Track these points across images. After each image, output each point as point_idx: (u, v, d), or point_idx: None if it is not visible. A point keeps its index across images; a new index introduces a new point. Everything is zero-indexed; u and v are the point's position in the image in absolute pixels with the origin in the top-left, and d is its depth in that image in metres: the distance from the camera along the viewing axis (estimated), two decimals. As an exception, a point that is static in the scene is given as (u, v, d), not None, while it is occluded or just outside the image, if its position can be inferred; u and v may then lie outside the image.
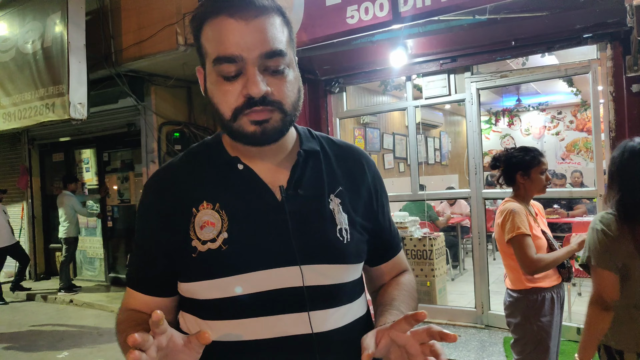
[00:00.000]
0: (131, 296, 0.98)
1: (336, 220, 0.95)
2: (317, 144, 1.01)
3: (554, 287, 2.47)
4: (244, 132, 0.88)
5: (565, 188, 6.25)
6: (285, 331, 0.88)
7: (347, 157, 1.04)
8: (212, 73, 0.88)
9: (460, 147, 10.68)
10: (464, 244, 7.01)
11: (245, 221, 0.90)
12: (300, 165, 0.95)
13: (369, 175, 1.05)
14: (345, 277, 0.95)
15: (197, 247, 0.89)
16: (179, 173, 0.97)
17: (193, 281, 0.91)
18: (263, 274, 0.88)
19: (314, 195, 0.95)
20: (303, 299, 0.89)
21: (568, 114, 9.95)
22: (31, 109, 5.49)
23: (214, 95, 0.89)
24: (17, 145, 8.06)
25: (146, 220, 0.97)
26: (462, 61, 4.47)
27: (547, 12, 3.76)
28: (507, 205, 2.48)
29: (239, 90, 0.86)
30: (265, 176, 0.94)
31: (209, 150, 0.99)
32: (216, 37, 0.86)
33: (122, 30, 5.50)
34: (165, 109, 6.19)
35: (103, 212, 7.26)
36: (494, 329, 4.37)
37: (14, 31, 5.71)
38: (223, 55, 0.85)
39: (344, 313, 0.95)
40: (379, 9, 3.82)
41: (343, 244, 0.94)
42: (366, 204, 1.02)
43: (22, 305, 6.69)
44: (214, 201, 0.91)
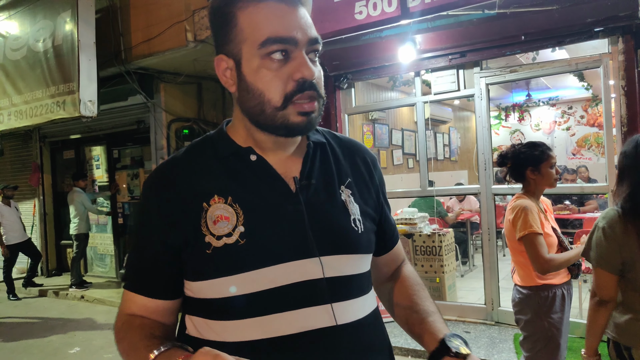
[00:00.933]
0: (130, 300, 0.93)
1: (349, 211, 0.95)
2: (323, 137, 1.02)
3: (564, 284, 2.46)
4: (289, 122, 0.86)
5: (576, 184, 6.19)
6: (311, 325, 0.86)
7: (350, 150, 1.05)
8: (255, 57, 0.85)
9: (469, 143, 10.62)
10: (473, 240, 6.98)
11: (261, 213, 0.88)
12: (311, 157, 0.96)
13: (372, 167, 1.07)
14: (360, 268, 0.96)
15: (212, 243, 0.86)
16: (183, 168, 0.93)
17: (207, 279, 0.87)
18: (283, 267, 0.86)
19: (325, 187, 0.95)
20: (324, 290, 0.88)
21: (579, 108, 9.85)
22: (42, 107, 5.54)
23: (257, 81, 0.86)
24: (28, 142, 8.14)
25: (149, 219, 0.92)
26: (471, 56, 4.44)
27: (558, 5, 3.72)
28: (519, 202, 2.45)
29: (289, 74, 0.84)
30: (278, 167, 0.92)
31: (214, 143, 0.96)
32: (265, 19, 0.84)
33: (132, 28, 5.53)
34: (174, 105, 6.22)
35: (113, 208, 7.31)
36: (504, 325, 4.35)
37: (25, 30, 5.76)
38: (276, 36, 0.83)
39: (362, 304, 0.95)
40: (388, 4, 3.80)
41: (358, 234, 0.95)
42: (372, 195, 1.04)
43: (34, 301, 6.78)
44: (226, 194, 0.88)
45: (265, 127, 0.89)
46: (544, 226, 2.41)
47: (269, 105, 0.86)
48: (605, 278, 1.85)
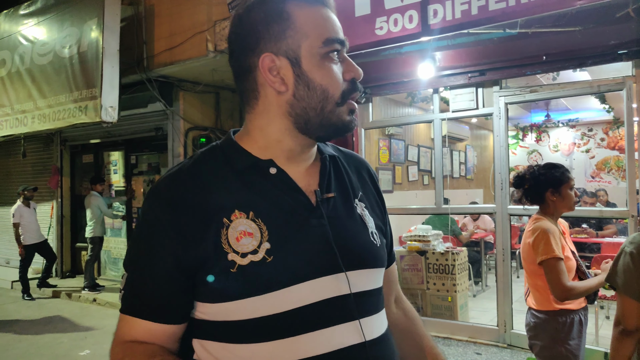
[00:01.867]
0: (132, 325, 0.85)
1: (367, 224, 0.95)
2: (332, 150, 1.01)
3: (581, 309, 2.39)
4: (342, 120, 0.89)
5: (596, 207, 6.09)
6: (341, 343, 0.83)
7: (356, 164, 1.05)
8: (314, 55, 0.86)
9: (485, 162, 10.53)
10: (486, 260, 6.88)
11: (286, 228, 0.84)
12: (328, 170, 0.95)
13: (375, 180, 1.08)
14: (379, 282, 0.96)
15: (236, 261, 0.80)
16: (194, 181, 0.86)
17: (233, 300, 0.81)
18: (312, 284, 0.83)
19: (343, 200, 0.94)
20: (352, 306, 0.86)
21: (599, 131, 9.72)
22: (65, 111, 5.65)
23: (320, 77, 0.87)
24: (50, 145, 8.29)
25: (159, 235, 0.83)
26: (491, 75, 4.42)
27: (581, 27, 3.69)
28: (539, 224, 2.37)
29: (342, 73, 0.88)
30: (298, 180, 0.90)
31: (226, 155, 0.90)
32: (323, 21, 0.88)
33: (155, 37, 5.64)
34: (192, 114, 6.29)
35: (129, 213, 7.39)
36: (517, 348, 4.26)
37: (53, 36, 5.91)
38: (336, 37, 0.88)
39: (382, 319, 0.94)
40: (408, 20, 3.82)
41: (377, 247, 0.94)
42: (380, 208, 1.04)
43: (47, 302, 6.85)
44: (247, 209, 0.83)
45: (316, 126, 0.88)
46: (563, 249, 2.33)
47: (332, 101, 0.87)
48: (631, 306, 1.75)
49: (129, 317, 0.86)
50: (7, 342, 5.06)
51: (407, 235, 5.16)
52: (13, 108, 6.36)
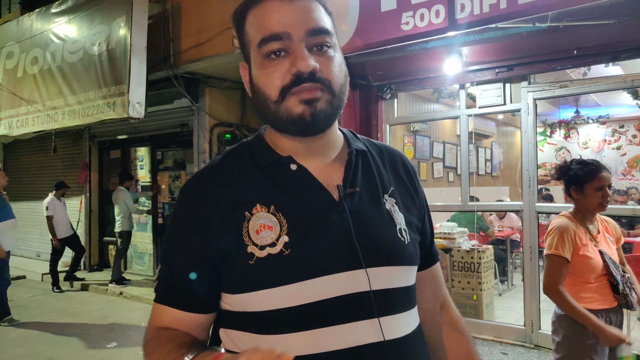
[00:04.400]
0: (163, 313, 0.89)
1: (395, 220, 0.92)
2: (363, 145, 0.99)
3: (604, 311, 2.32)
4: (292, 114, 0.84)
5: (627, 205, 5.92)
6: (358, 340, 0.82)
7: (391, 158, 1.03)
8: (257, 57, 0.86)
9: (512, 159, 10.36)
10: (512, 258, 6.77)
11: (305, 223, 0.85)
12: (354, 165, 0.93)
13: (413, 176, 1.05)
14: (408, 280, 0.93)
15: (255, 253, 0.82)
16: (221, 176, 0.90)
17: (250, 291, 0.83)
18: (330, 279, 0.82)
19: (370, 195, 0.92)
20: (371, 304, 0.84)
21: (631, 127, 9.44)
22: (94, 107, 5.77)
23: (259, 79, 0.86)
24: (79, 141, 8.49)
25: (185, 228, 0.87)
26: (519, 70, 4.33)
27: (614, 20, 3.58)
28: (556, 221, 2.41)
29: (286, 69, 0.83)
30: (320, 175, 0.89)
31: (252, 151, 0.93)
32: (260, 20, 0.85)
33: (182, 34, 5.70)
34: (218, 110, 6.34)
35: (154, 208, 7.50)
36: (544, 349, 4.18)
37: (83, 34, 6.04)
38: (269, 34, 0.83)
39: (408, 319, 0.91)
40: (435, 15, 3.77)
41: (404, 245, 0.92)
42: (416, 205, 1.01)
43: (76, 295, 7.02)
44: (268, 203, 0.85)
45: (278, 127, 0.89)
46: (579, 249, 2.30)
47: (270, 101, 0.85)
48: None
49: (160, 306, 0.90)
50: (38, 332, 5.21)
51: (432, 233, 5.10)
52: (44, 104, 6.53)
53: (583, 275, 2.32)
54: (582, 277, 2.33)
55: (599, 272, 2.31)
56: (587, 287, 2.33)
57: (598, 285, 2.33)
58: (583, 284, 2.33)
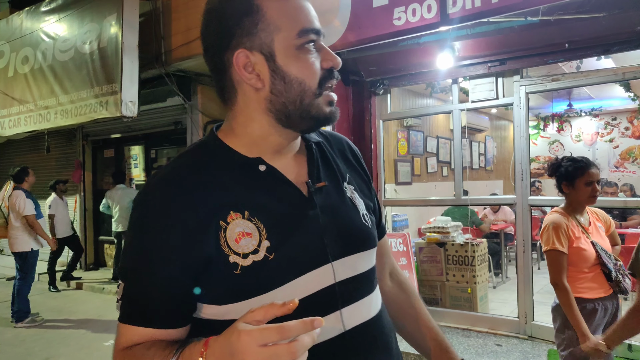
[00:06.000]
0: (132, 333, 0.81)
1: (357, 207, 0.96)
2: (316, 135, 1.00)
3: (599, 299, 2.45)
4: (322, 112, 0.87)
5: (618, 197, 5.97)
6: (322, 337, 0.82)
7: (338, 144, 1.05)
8: (291, 48, 0.84)
9: (505, 153, 10.39)
10: (507, 251, 6.82)
11: (282, 224, 0.84)
12: (315, 158, 0.94)
13: (359, 157, 1.08)
14: (370, 262, 0.96)
15: (238, 262, 0.79)
16: (187, 182, 0.83)
17: (239, 301, 0.80)
18: (305, 278, 0.83)
19: (334, 186, 0.94)
20: (336, 296, 0.86)
21: (624, 120, 9.49)
22: (86, 107, 5.74)
23: (296, 70, 0.84)
24: (72, 140, 8.45)
25: (151, 244, 0.80)
26: (511, 64, 4.35)
27: (605, 13, 3.60)
28: (549, 217, 2.53)
29: (319, 63, 0.86)
30: (287, 173, 0.89)
31: (213, 154, 0.88)
32: (296, 11, 0.85)
33: (172, 31, 5.67)
34: (211, 108, 6.33)
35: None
36: (538, 340, 4.22)
37: (74, 32, 6.00)
38: (311, 27, 0.85)
39: (372, 301, 0.94)
40: (427, 10, 3.77)
41: (369, 229, 0.96)
42: (368, 187, 1.05)
43: (72, 294, 7.02)
44: (241, 209, 0.82)
45: (297, 120, 0.86)
46: (573, 242, 2.43)
47: (309, 93, 0.85)
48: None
49: (129, 326, 0.81)
50: (34, 332, 5.20)
51: (426, 227, 5.13)
52: (36, 104, 6.49)
53: (578, 265, 2.44)
54: (577, 268, 2.45)
55: (593, 262, 2.43)
56: (583, 277, 2.45)
57: (593, 274, 2.45)
58: (579, 275, 2.46)
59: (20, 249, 5.43)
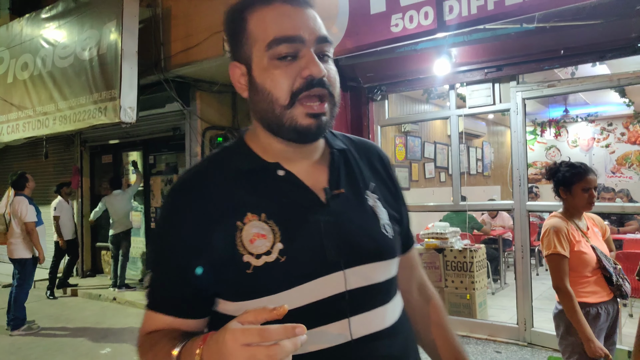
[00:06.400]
0: (153, 319, 0.87)
1: (378, 216, 0.94)
2: (342, 142, 1.00)
3: (602, 304, 2.45)
4: (297, 125, 0.85)
5: (615, 203, 5.99)
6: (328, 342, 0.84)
7: (367, 153, 1.04)
8: (263, 58, 0.85)
9: (503, 158, 10.43)
10: (505, 257, 6.82)
11: (297, 228, 0.86)
12: (336, 165, 0.94)
13: (388, 166, 1.06)
14: (389, 273, 0.95)
15: (251, 262, 0.82)
16: (209, 183, 0.88)
17: (251, 299, 0.83)
18: (317, 283, 0.84)
19: (354, 194, 0.94)
20: (345, 304, 0.86)
21: (619, 125, 9.55)
22: (85, 112, 5.75)
23: (265, 81, 0.85)
24: (70, 146, 8.45)
25: (178, 234, 0.85)
26: (507, 70, 4.38)
27: (600, 20, 3.63)
28: (549, 221, 2.52)
29: (297, 73, 0.83)
30: (306, 179, 0.90)
31: (237, 157, 0.92)
32: (272, 21, 0.84)
33: (172, 38, 5.71)
34: (209, 114, 6.35)
35: (147, 214, 7.48)
36: (537, 347, 4.22)
37: (73, 39, 6.02)
38: (282, 36, 0.83)
39: (386, 312, 0.92)
40: (424, 17, 3.80)
41: (388, 239, 0.94)
42: (393, 196, 1.03)
43: (69, 301, 6.98)
44: (259, 211, 0.85)
45: (276, 131, 0.88)
46: (574, 246, 2.43)
47: (277, 104, 0.84)
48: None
49: (151, 313, 0.88)
50: (31, 339, 5.17)
51: (425, 233, 5.14)
52: (35, 110, 6.50)
53: (579, 270, 2.44)
54: (579, 272, 2.44)
55: (594, 266, 2.43)
56: (585, 281, 2.45)
57: (595, 278, 2.45)
58: (581, 279, 2.45)
59: (21, 255, 5.41)
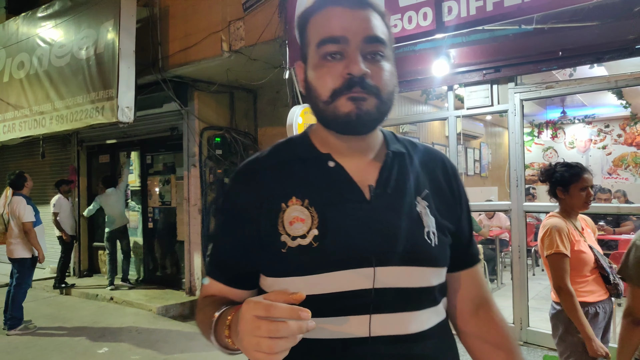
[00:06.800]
0: (210, 285, 1.00)
1: (424, 223, 0.95)
2: (403, 147, 1.02)
3: (599, 303, 2.46)
4: (340, 112, 0.89)
5: (612, 204, 6.01)
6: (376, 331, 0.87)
7: (430, 160, 1.04)
8: (314, 58, 0.92)
9: (500, 159, 10.45)
10: (502, 257, 6.84)
11: (335, 218, 0.90)
12: (389, 166, 0.96)
13: (452, 178, 1.06)
14: (428, 281, 0.94)
15: (287, 243, 0.89)
16: (265, 167, 0.97)
17: (281, 277, 0.91)
18: (347, 274, 0.87)
19: (401, 197, 0.95)
20: (368, 301, 0.88)
21: (616, 127, 9.58)
22: (82, 112, 5.74)
23: (313, 79, 0.92)
24: (67, 146, 8.42)
25: (231, 213, 0.97)
26: (506, 71, 4.39)
27: (598, 21, 3.65)
28: (549, 221, 2.51)
29: (340, 71, 0.88)
30: (355, 174, 0.94)
31: (296, 146, 1.00)
32: (321, 23, 0.91)
33: (170, 38, 5.70)
34: (207, 114, 6.34)
35: (144, 213, 7.47)
36: (533, 346, 4.23)
37: (70, 38, 6.00)
38: (327, 37, 0.89)
39: (410, 320, 0.91)
40: (423, 18, 3.81)
41: (431, 247, 0.94)
42: (450, 208, 1.03)
43: (66, 300, 6.96)
44: (303, 197, 0.91)
45: (325, 123, 0.94)
46: (574, 245, 2.43)
47: (320, 100, 0.91)
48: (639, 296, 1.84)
49: (209, 279, 1.00)
50: (27, 339, 5.16)
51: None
52: (32, 109, 6.48)
53: (579, 269, 2.44)
54: (578, 272, 2.45)
55: (592, 265, 2.45)
56: (584, 281, 2.46)
57: (593, 278, 2.47)
58: (580, 279, 2.46)
59: (21, 255, 5.39)
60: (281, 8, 4.66)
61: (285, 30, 4.60)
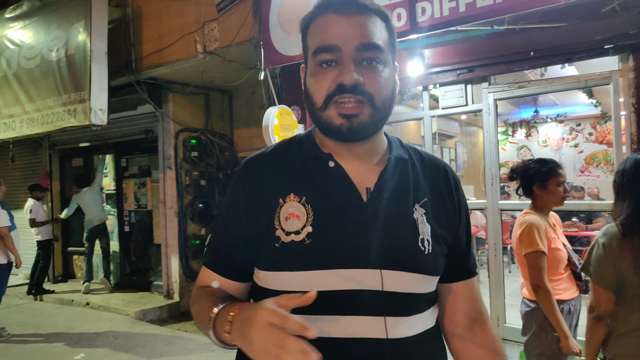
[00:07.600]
0: (207, 276, 1.02)
1: (419, 230, 0.95)
2: (406, 153, 1.03)
3: (572, 300, 2.48)
4: (331, 124, 0.92)
5: (584, 201, 6.15)
6: (358, 333, 0.88)
7: (433, 169, 1.05)
8: (311, 64, 0.94)
9: (476, 158, 10.59)
10: (478, 255, 6.94)
11: (329, 217, 0.92)
12: (389, 171, 0.98)
13: (453, 188, 1.06)
14: (422, 288, 0.95)
15: (281, 237, 0.91)
16: (268, 163, 1.00)
17: (272, 271, 0.93)
18: (340, 273, 0.89)
19: (399, 202, 0.96)
20: (380, 303, 0.89)
21: (587, 125, 9.81)
22: (53, 115, 5.61)
23: (309, 85, 0.95)
24: (38, 150, 8.22)
25: (232, 207, 1.00)
26: (479, 71, 4.45)
27: (566, 22, 3.73)
28: (526, 218, 2.48)
29: (332, 79, 0.91)
30: (354, 176, 0.95)
31: (300, 145, 1.02)
32: (317, 31, 0.93)
33: (143, 39, 5.61)
34: (182, 115, 6.27)
35: (120, 217, 7.34)
36: (510, 342, 4.30)
37: (40, 39, 5.86)
38: (322, 45, 0.91)
39: (413, 323, 0.94)
40: (397, 19, 3.83)
41: (424, 254, 0.95)
42: (449, 218, 1.03)
43: (40, 307, 6.79)
44: (301, 194, 0.93)
45: (320, 130, 0.98)
46: (552, 242, 2.43)
47: (315, 107, 0.93)
48: (601, 294, 1.89)
49: (206, 269, 1.03)
50: (0, 347, 5.01)
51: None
52: (0, 113, 6.31)
53: (555, 266, 2.44)
54: (555, 269, 2.45)
55: (565, 262, 2.46)
56: (558, 278, 2.46)
57: (567, 275, 2.48)
58: (555, 276, 2.46)
59: None
60: (255, 9, 4.64)
61: (260, 31, 4.57)
